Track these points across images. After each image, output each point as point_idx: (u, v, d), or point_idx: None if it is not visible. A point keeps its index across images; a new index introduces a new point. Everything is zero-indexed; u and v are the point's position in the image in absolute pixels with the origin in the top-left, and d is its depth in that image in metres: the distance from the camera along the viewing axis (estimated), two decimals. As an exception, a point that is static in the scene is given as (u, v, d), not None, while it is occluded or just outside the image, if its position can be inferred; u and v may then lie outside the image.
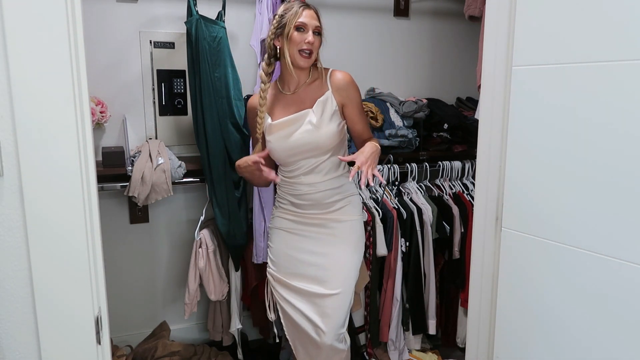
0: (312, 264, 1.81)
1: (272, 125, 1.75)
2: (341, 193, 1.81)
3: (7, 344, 0.99)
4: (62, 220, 0.96)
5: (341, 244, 1.81)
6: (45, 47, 0.91)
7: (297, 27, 1.65)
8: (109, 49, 2.26)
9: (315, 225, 1.81)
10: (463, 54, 2.86)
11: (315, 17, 1.69)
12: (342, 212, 1.81)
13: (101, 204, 1.11)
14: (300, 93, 1.76)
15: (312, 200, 1.78)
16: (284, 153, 1.75)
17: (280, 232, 1.86)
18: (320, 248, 1.81)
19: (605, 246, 1.11)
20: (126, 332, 2.47)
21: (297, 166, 1.77)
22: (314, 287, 1.80)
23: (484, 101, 1.37)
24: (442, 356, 2.51)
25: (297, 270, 1.83)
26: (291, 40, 1.66)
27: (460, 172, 2.54)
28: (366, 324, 2.38)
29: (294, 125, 1.72)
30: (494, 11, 1.31)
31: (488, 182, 1.36)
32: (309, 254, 1.81)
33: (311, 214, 1.81)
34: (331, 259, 1.80)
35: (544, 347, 1.26)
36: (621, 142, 1.07)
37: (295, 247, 1.83)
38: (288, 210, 1.85)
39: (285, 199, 1.85)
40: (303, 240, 1.82)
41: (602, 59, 1.08)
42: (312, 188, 1.77)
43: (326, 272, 1.79)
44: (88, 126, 0.98)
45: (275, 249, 1.88)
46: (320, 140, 1.71)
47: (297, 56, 1.68)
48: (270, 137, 1.76)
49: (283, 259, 1.85)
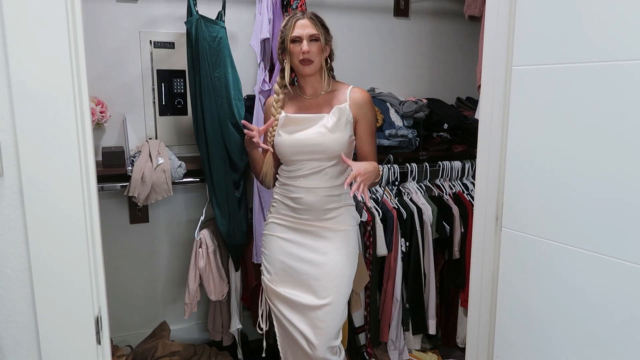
0: (306, 273, 1.80)
1: (288, 118, 1.79)
2: (338, 201, 1.81)
3: (7, 344, 0.99)
4: (62, 220, 0.96)
5: (335, 254, 1.80)
6: (45, 47, 0.91)
7: (292, 40, 1.74)
8: (109, 49, 2.26)
9: (310, 233, 1.81)
10: (463, 54, 2.86)
11: (309, 25, 1.73)
12: (337, 220, 1.81)
13: (101, 204, 1.11)
14: (319, 99, 1.82)
15: (309, 205, 1.78)
16: (291, 149, 1.77)
17: (275, 239, 1.86)
18: (313, 257, 1.80)
19: (605, 246, 1.11)
20: (126, 332, 2.46)
21: (300, 166, 1.78)
22: (306, 297, 1.79)
23: (484, 101, 1.37)
24: (442, 356, 2.51)
25: (291, 278, 1.82)
26: (291, 53, 1.76)
27: (460, 172, 2.54)
28: (366, 324, 2.38)
29: (308, 123, 1.76)
30: (494, 11, 1.31)
31: (488, 182, 1.36)
32: (302, 262, 1.80)
33: (306, 220, 1.80)
34: (324, 269, 1.79)
35: (544, 347, 1.26)
36: (621, 142, 1.07)
37: (290, 255, 1.82)
38: (283, 215, 1.84)
39: (282, 202, 1.84)
40: (298, 247, 1.82)
41: (603, 59, 1.08)
42: (311, 193, 1.77)
43: (318, 282, 1.78)
44: (88, 126, 0.98)
45: (271, 257, 1.86)
46: (329, 144, 1.73)
47: (299, 66, 1.76)
48: (282, 130, 1.79)
49: (278, 267, 1.84)
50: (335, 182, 1.79)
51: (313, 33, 1.73)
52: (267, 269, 1.88)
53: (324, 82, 1.82)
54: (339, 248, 1.81)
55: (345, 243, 1.83)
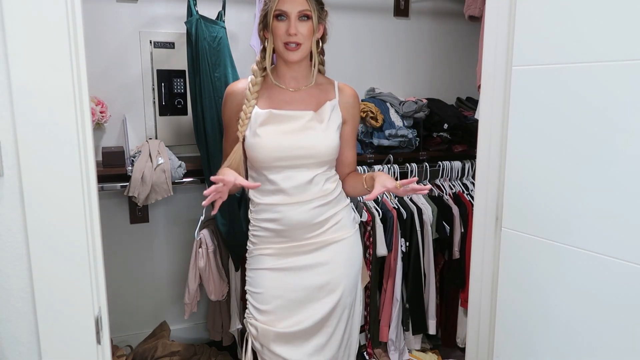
0: (314, 299, 1.49)
1: (272, 115, 1.45)
2: (332, 208, 1.50)
3: (7, 344, 0.99)
4: (62, 220, 0.96)
5: (343, 268, 1.52)
6: (45, 47, 0.91)
7: (277, 15, 1.40)
8: (109, 49, 2.26)
9: (306, 252, 1.49)
10: (463, 54, 2.86)
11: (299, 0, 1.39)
12: (335, 229, 1.51)
13: (101, 204, 1.11)
14: (302, 92, 1.50)
15: (297, 222, 1.46)
16: (274, 153, 1.43)
17: (266, 273, 1.50)
18: (319, 278, 1.49)
19: (605, 246, 1.11)
20: (126, 332, 2.46)
21: (281, 176, 1.44)
22: (317, 311, 1.50)
23: (484, 101, 1.37)
24: (442, 356, 2.51)
25: (296, 309, 1.49)
26: (274, 33, 1.41)
27: (460, 172, 2.54)
28: (366, 324, 2.38)
29: (295, 122, 1.45)
30: (494, 11, 1.31)
31: (488, 182, 1.36)
32: (308, 290, 1.49)
33: (298, 240, 1.48)
34: (328, 274, 1.51)
35: (544, 347, 1.26)
36: (621, 142, 1.07)
37: (289, 287, 1.49)
38: (268, 244, 1.50)
39: (262, 228, 1.50)
40: (297, 274, 1.49)
41: (603, 59, 1.08)
42: (295, 208, 1.45)
43: (324, 286, 1.51)
44: (88, 126, 0.98)
45: (265, 295, 1.49)
46: (322, 148, 1.45)
47: (283, 49, 1.42)
48: (261, 130, 1.44)
49: (277, 305, 1.49)
50: (327, 189, 1.49)
51: (304, 9, 1.39)
52: (258, 311, 1.51)
53: (312, 73, 1.49)
54: (345, 261, 1.53)
55: (350, 252, 1.55)
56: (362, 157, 2.41)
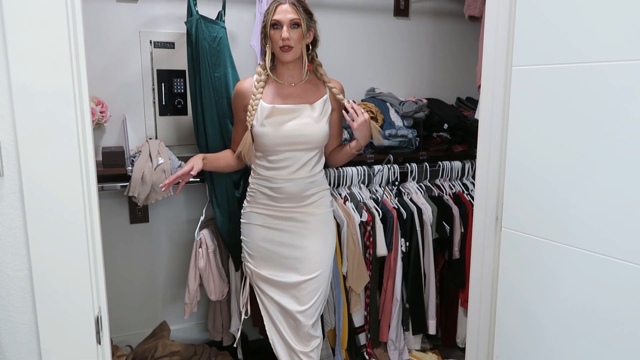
0: (289, 257, 1.87)
1: (275, 109, 1.78)
2: (316, 187, 1.87)
3: (7, 344, 0.99)
4: (62, 220, 0.96)
5: (315, 236, 1.88)
6: (46, 47, 0.91)
7: (273, 25, 1.74)
8: (109, 49, 2.26)
9: (290, 219, 1.86)
10: (463, 54, 2.86)
11: (290, 11, 1.72)
12: (316, 205, 1.88)
13: (101, 204, 1.11)
14: (298, 87, 1.84)
15: (290, 193, 1.83)
16: (276, 140, 1.78)
17: (255, 227, 1.90)
18: (295, 241, 1.86)
19: (605, 246, 1.11)
20: (126, 332, 2.46)
21: (281, 157, 1.80)
22: (290, 276, 1.86)
23: (484, 101, 1.37)
24: (442, 356, 2.51)
25: (275, 262, 1.88)
26: (271, 39, 1.76)
27: (460, 172, 2.54)
28: (366, 324, 2.38)
29: (294, 114, 1.79)
30: (494, 11, 1.31)
31: (488, 182, 1.36)
32: (285, 247, 1.87)
33: (286, 207, 1.85)
34: (307, 252, 1.87)
35: (544, 347, 1.26)
36: (621, 142, 1.07)
37: (272, 241, 1.88)
38: (262, 205, 1.88)
39: (260, 192, 1.87)
40: (279, 233, 1.87)
41: (603, 59, 1.08)
42: (292, 182, 1.82)
43: (302, 264, 1.87)
44: (88, 126, 0.99)
45: (252, 243, 1.91)
46: (315, 135, 1.79)
47: (279, 52, 1.76)
48: (266, 121, 1.78)
49: (260, 252, 1.90)
50: (315, 170, 1.86)
51: (293, 18, 1.72)
52: (249, 255, 1.94)
53: (304, 71, 1.83)
54: (318, 230, 1.89)
55: (324, 226, 1.92)
56: (362, 157, 2.41)
